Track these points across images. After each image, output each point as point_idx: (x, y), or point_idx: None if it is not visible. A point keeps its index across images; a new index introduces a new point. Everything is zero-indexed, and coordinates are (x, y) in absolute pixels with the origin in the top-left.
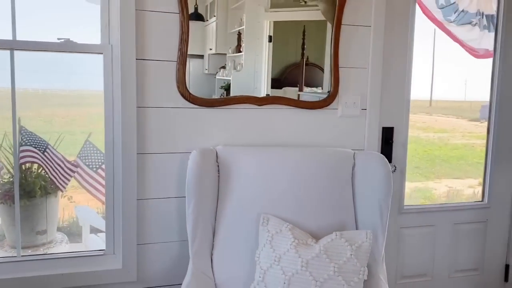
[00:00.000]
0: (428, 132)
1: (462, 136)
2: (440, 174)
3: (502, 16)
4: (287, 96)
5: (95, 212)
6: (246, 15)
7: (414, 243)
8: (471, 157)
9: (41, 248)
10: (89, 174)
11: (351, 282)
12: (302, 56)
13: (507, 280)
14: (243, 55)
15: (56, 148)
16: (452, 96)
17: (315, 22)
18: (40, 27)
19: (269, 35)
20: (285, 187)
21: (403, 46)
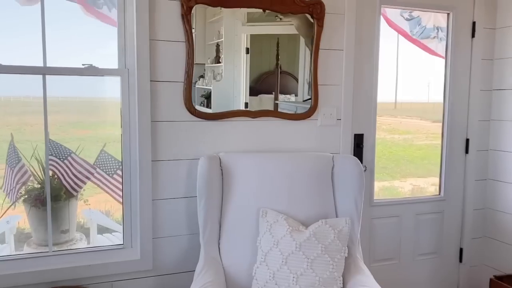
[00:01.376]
0: (394, 134)
1: (425, 137)
2: (405, 173)
3: (451, 29)
4: (263, 102)
5: (102, 214)
6: (224, 29)
7: (383, 231)
8: (434, 157)
9: (64, 245)
10: (107, 178)
11: (335, 258)
12: (277, 66)
13: (462, 261)
14: (222, 65)
15: (79, 153)
16: (416, 98)
17: (288, 35)
18: (63, 52)
19: (247, 47)
20: (278, 185)
21: (370, 64)
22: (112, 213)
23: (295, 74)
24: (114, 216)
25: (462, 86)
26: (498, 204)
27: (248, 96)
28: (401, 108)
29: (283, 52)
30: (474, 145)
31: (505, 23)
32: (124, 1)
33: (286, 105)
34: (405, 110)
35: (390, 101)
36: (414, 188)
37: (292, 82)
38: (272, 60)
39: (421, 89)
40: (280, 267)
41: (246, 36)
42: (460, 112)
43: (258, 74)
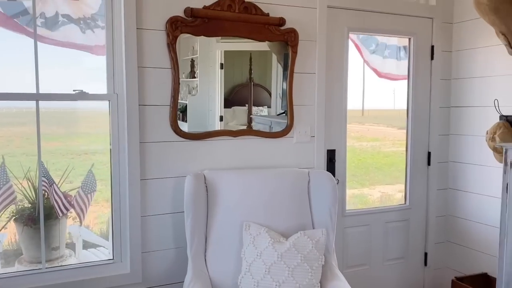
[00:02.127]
0: (362, 141)
1: (392, 144)
2: (374, 181)
3: (413, 52)
4: (237, 114)
5: (87, 229)
6: (199, 45)
7: (355, 239)
8: (401, 163)
9: (55, 262)
10: (82, 197)
11: (313, 266)
12: (250, 80)
13: (426, 265)
14: (197, 80)
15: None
16: (382, 106)
17: (260, 51)
18: (54, 79)
19: (221, 63)
20: (259, 200)
21: (340, 85)
22: (93, 228)
23: (267, 87)
24: (96, 230)
25: (423, 104)
26: (458, 211)
27: (223, 109)
28: (368, 115)
29: (255, 66)
30: (435, 158)
31: (460, 46)
32: (113, 32)
33: (261, 119)
34: (373, 118)
35: (358, 108)
36: (383, 195)
37: (265, 94)
38: (245, 74)
39: (387, 97)
40: (264, 276)
41: (220, 52)
42: (422, 128)
43: (231, 86)
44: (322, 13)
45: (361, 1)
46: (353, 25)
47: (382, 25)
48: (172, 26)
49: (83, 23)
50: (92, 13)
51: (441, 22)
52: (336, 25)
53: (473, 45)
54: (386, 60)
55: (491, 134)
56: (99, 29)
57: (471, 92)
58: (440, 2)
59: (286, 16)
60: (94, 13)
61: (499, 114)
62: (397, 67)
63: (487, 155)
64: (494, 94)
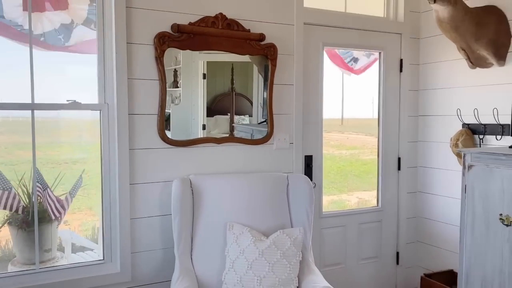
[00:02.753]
0: (341, 149)
1: (370, 152)
2: (352, 187)
3: (383, 65)
4: (219, 123)
5: (75, 233)
6: (182, 56)
7: (331, 240)
8: (371, 170)
9: (47, 263)
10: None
11: (291, 262)
12: (232, 90)
13: (398, 263)
14: (180, 90)
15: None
16: (362, 115)
17: (241, 62)
18: (47, 89)
19: (204, 73)
20: (241, 202)
21: (316, 96)
22: (81, 232)
23: (248, 96)
24: (86, 234)
25: (393, 113)
26: (426, 212)
27: (205, 118)
28: (347, 124)
29: (237, 76)
30: (405, 163)
31: (426, 60)
32: (104, 45)
33: (243, 127)
34: (352, 126)
35: (337, 117)
36: (360, 201)
37: (246, 103)
38: (226, 84)
39: (365, 106)
40: (246, 272)
41: (203, 62)
42: (393, 135)
43: (213, 96)
44: (299, 30)
45: (335, 18)
46: (328, 41)
47: (354, 40)
48: (160, 41)
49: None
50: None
51: (409, 37)
52: (312, 40)
53: (438, 59)
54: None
55: (454, 140)
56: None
57: (436, 102)
58: (407, 19)
59: (266, 32)
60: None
61: (461, 122)
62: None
63: (451, 160)
64: (456, 104)
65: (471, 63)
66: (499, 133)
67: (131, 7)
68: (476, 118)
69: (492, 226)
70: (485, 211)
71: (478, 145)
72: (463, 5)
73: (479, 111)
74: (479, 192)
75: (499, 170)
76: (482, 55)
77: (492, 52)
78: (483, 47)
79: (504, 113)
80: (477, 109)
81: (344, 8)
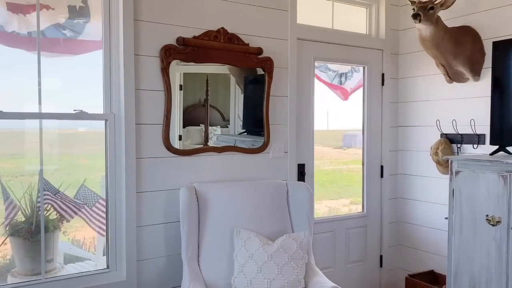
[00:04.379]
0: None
1: (330, 163)
2: (319, 197)
3: (366, 79)
4: (191, 133)
5: (71, 244)
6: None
7: (321, 244)
8: (340, 180)
9: (49, 274)
10: (88, 211)
11: (298, 264)
12: (207, 101)
13: (382, 266)
14: None
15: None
16: (317, 127)
17: (218, 74)
18: (54, 99)
19: (180, 84)
20: (244, 209)
21: (308, 106)
22: (82, 243)
23: (219, 108)
24: (87, 246)
25: (376, 124)
26: (407, 217)
27: (182, 129)
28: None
29: (212, 88)
30: (387, 171)
31: (405, 74)
32: (110, 57)
33: (225, 138)
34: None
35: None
36: (330, 209)
37: (216, 115)
38: (197, 95)
39: (320, 118)
40: (256, 275)
41: (180, 74)
42: (376, 145)
43: (184, 107)
44: (293, 44)
45: (324, 35)
46: (318, 55)
47: (341, 55)
48: (166, 53)
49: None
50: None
51: (390, 53)
52: (304, 54)
53: (416, 74)
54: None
55: (434, 149)
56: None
57: (416, 113)
58: (388, 36)
59: (263, 46)
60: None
61: (440, 132)
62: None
63: (431, 167)
64: (435, 115)
65: (449, 78)
66: (476, 142)
67: (138, 20)
68: (454, 128)
69: (479, 226)
70: (472, 213)
71: (456, 153)
72: (442, 25)
73: (457, 122)
74: (466, 196)
75: (485, 175)
76: (459, 70)
77: (469, 68)
78: (460, 64)
79: (480, 124)
80: (455, 120)
81: (331, 25)
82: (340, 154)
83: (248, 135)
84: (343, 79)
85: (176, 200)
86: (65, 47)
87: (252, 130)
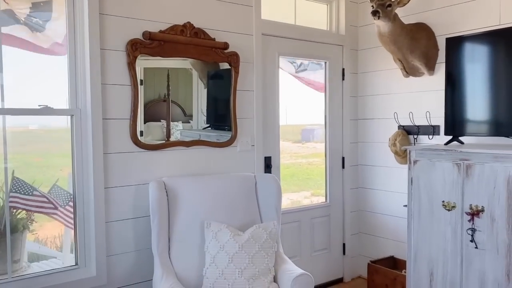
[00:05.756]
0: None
1: (290, 157)
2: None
3: (328, 73)
4: (151, 129)
5: (36, 243)
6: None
7: (287, 234)
8: (300, 174)
9: (15, 273)
10: (61, 210)
11: (268, 253)
12: (168, 96)
13: (345, 253)
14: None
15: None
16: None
17: (179, 68)
18: (17, 94)
19: (141, 79)
20: (214, 201)
21: (273, 100)
22: (45, 242)
23: (180, 103)
24: (53, 244)
25: (337, 117)
26: (367, 206)
27: (143, 125)
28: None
29: (173, 84)
30: (348, 162)
31: (364, 69)
32: (75, 52)
33: (189, 133)
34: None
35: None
36: (292, 202)
37: (177, 110)
38: (156, 90)
39: (280, 113)
40: (227, 265)
41: (140, 69)
42: (337, 137)
43: (145, 102)
44: (258, 40)
45: (287, 30)
46: (282, 50)
47: (304, 50)
48: (132, 47)
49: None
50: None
51: (349, 49)
52: (269, 50)
53: (374, 68)
54: (316, 72)
55: (392, 140)
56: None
57: (374, 106)
58: (348, 32)
59: (229, 41)
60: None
61: (397, 124)
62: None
63: (389, 158)
64: (393, 108)
65: (406, 72)
66: (431, 133)
67: (104, 14)
68: (411, 120)
69: (436, 211)
70: (430, 199)
71: (413, 144)
72: (400, 21)
73: (414, 114)
74: (423, 183)
75: (440, 163)
76: (415, 65)
77: (424, 63)
78: (416, 59)
79: (435, 116)
80: (412, 112)
81: (294, 21)
82: (299, 148)
83: (212, 129)
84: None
85: (145, 195)
86: (26, 43)
87: (216, 125)
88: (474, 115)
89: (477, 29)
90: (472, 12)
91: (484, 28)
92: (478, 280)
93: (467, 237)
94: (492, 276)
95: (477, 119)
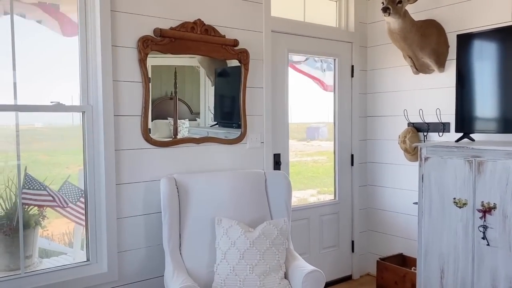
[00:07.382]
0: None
1: (295, 155)
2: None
3: (337, 70)
4: (158, 127)
5: (48, 240)
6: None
7: (296, 231)
8: (305, 172)
9: (27, 269)
10: (72, 207)
11: (279, 249)
12: (176, 94)
13: (353, 251)
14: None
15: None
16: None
17: (186, 66)
18: (31, 90)
19: (149, 77)
20: (224, 198)
21: (282, 97)
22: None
23: (187, 101)
24: (64, 240)
25: (346, 114)
26: (376, 203)
27: (151, 122)
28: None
29: (179, 81)
30: (357, 159)
31: (374, 66)
32: (87, 48)
33: (197, 130)
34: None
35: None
36: (298, 200)
37: (184, 108)
38: (163, 88)
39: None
40: (239, 261)
41: (148, 66)
42: (346, 134)
43: (151, 100)
44: (267, 36)
45: (297, 27)
46: (292, 47)
47: (313, 47)
48: (144, 44)
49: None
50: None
51: (359, 46)
52: (278, 46)
53: (384, 66)
54: (325, 73)
55: (402, 137)
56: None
57: (384, 104)
58: (357, 29)
59: (239, 38)
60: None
61: (407, 121)
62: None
63: (398, 155)
64: (402, 105)
65: (416, 69)
66: (441, 130)
67: (116, 11)
68: (421, 117)
69: (447, 208)
70: (441, 196)
71: (422, 141)
72: (410, 18)
73: (424, 111)
74: (434, 180)
75: (452, 161)
76: (425, 62)
77: (434, 59)
78: (427, 55)
79: (445, 113)
80: (422, 109)
81: (303, 18)
82: (304, 146)
83: (219, 127)
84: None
85: (156, 191)
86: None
87: (223, 122)
88: (484, 112)
89: (488, 26)
90: (483, 9)
91: (495, 24)
92: (490, 277)
93: (479, 234)
94: (504, 273)
95: (488, 116)
